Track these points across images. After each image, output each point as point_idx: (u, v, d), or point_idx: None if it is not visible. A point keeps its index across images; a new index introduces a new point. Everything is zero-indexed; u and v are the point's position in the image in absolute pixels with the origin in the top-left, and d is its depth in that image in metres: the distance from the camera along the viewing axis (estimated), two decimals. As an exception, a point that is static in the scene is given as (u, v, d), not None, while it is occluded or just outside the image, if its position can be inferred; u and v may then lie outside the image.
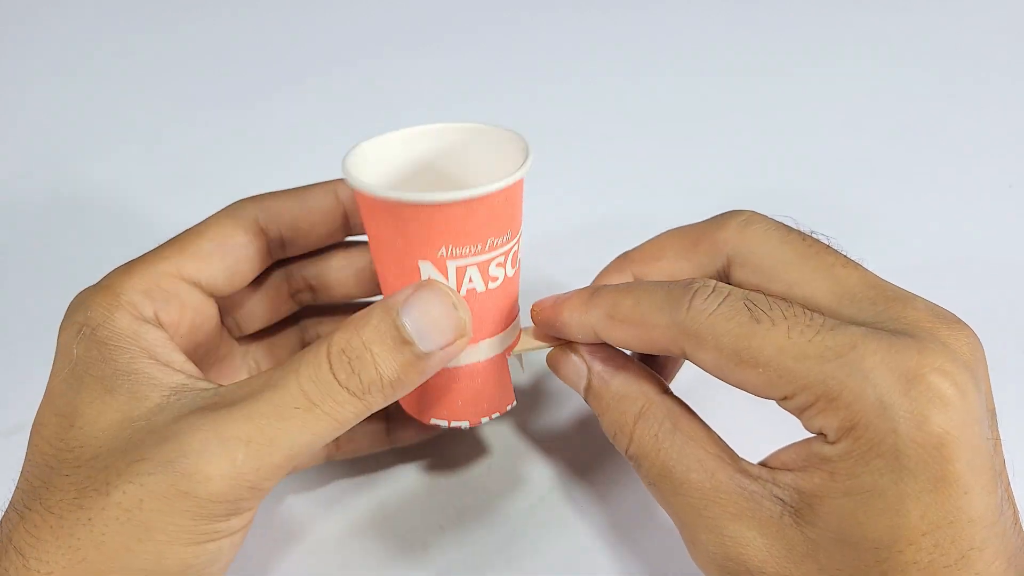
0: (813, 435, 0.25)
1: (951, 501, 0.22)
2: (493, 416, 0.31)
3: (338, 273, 0.33)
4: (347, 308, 0.36)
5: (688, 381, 0.34)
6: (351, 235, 0.33)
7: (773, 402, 0.25)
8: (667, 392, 0.28)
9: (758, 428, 0.29)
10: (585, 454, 0.38)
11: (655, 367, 0.33)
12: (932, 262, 0.47)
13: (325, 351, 0.24)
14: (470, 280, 0.28)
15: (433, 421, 0.31)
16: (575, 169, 0.52)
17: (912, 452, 0.22)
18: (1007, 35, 0.61)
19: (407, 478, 0.37)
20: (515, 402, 0.32)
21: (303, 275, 0.34)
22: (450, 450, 0.38)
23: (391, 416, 0.35)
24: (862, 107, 0.56)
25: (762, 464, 0.26)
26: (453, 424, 0.31)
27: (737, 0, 0.64)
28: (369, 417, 0.33)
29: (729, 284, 0.26)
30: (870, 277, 0.27)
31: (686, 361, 0.29)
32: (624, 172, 0.52)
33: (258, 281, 0.32)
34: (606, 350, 0.29)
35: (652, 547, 0.36)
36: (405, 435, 0.35)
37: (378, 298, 0.29)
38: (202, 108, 0.58)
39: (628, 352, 0.30)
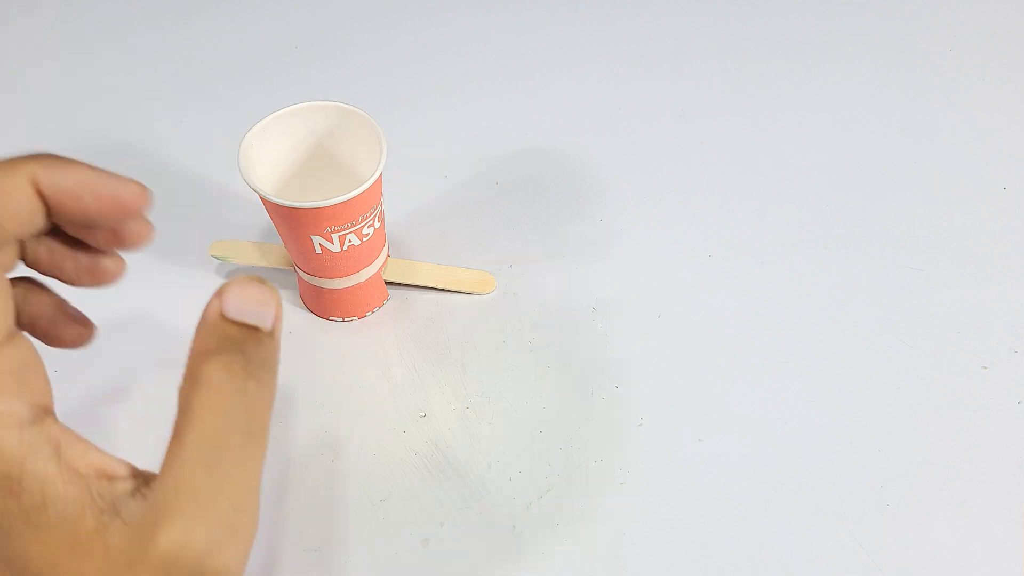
0: None
1: None
2: (374, 310, 0.44)
3: None
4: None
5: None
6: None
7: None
8: None
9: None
10: (584, 454, 0.40)
11: None
12: (926, 264, 0.47)
13: (218, 388, 0.23)
14: (350, 241, 0.39)
15: (332, 319, 0.44)
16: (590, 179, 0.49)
17: None
18: (1001, 38, 0.61)
19: (408, 476, 0.39)
20: (389, 297, 0.45)
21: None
22: (452, 449, 0.40)
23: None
24: (855, 109, 0.56)
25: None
26: (347, 319, 0.44)
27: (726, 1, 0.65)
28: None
29: None
30: None
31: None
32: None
33: None
34: None
35: (651, 546, 0.36)
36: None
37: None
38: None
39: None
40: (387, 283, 0.44)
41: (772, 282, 0.46)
